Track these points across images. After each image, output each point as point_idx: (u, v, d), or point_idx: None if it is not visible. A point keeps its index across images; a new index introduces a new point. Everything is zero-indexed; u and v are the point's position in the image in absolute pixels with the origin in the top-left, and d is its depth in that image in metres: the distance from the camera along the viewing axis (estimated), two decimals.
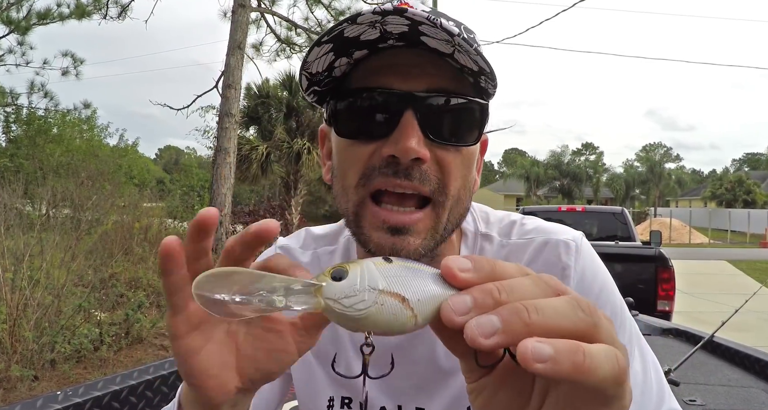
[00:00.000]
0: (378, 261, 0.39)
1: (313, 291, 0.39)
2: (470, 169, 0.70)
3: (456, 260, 0.37)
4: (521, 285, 0.36)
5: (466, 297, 0.35)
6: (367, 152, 0.66)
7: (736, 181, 44.65)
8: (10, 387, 4.08)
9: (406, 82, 0.65)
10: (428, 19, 0.58)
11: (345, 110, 0.68)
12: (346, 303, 0.37)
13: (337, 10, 10.88)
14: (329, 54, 0.65)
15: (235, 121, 8.81)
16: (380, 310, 0.37)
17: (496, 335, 0.33)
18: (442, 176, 0.65)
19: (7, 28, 11.27)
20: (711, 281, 12.80)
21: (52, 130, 15.37)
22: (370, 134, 0.65)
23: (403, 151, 0.62)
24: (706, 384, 2.19)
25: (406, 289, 0.38)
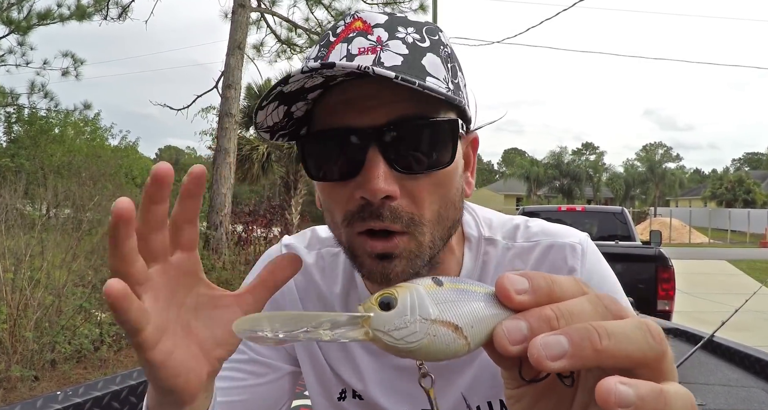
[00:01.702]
0: (427, 284, 0.37)
1: (361, 322, 0.37)
2: (449, 186, 0.67)
3: (512, 280, 0.35)
4: (580, 310, 0.34)
5: (521, 324, 0.34)
6: (343, 195, 0.65)
7: (736, 180, 44.64)
8: (10, 387, 4.08)
9: (364, 116, 0.62)
10: (359, 69, 0.55)
11: (311, 155, 0.67)
12: (396, 336, 0.36)
13: (337, 10, 10.88)
14: (279, 107, 0.64)
15: (236, 121, 8.81)
16: (432, 342, 0.35)
17: (563, 359, 0.31)
18: (415, 208, 0.64)
19: (8, 28, 11.27)
20: (711, 281, 12.80)
21: (53, 131, 15.38)
22: (341, 176, 0.64)
23: (371, 192, 0.60)
24: (706, 383, 2.19)
25: (459, 316, 0.35)
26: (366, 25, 0.65)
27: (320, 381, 0.86)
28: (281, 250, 0.91)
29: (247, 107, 14.48)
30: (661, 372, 0.33)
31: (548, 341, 0.32)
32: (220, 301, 0.52)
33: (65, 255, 5.73)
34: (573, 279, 0.37)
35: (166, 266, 0.48)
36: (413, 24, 0.67)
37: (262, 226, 10.46)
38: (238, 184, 14.11)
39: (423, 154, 0.63)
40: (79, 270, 5.81)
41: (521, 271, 0.36)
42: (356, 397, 0.84)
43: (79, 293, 5.37)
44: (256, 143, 14.10)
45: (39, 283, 4.94)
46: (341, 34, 0.66)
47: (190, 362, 0.49)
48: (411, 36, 0.65)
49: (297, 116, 0.67)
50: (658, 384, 0.31)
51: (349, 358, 0.84)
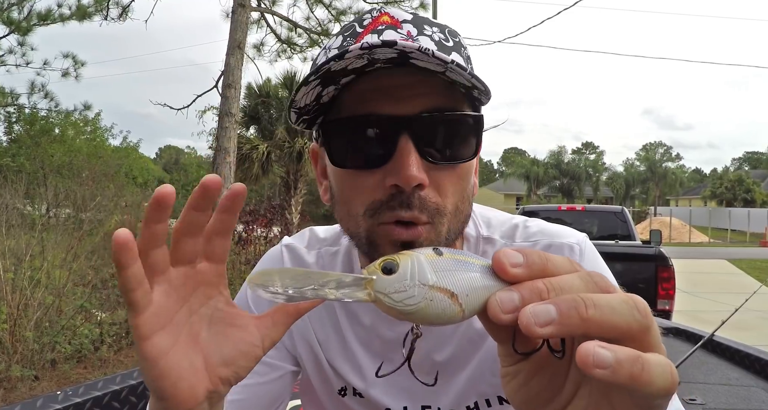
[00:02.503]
0: (428, 254, 0.39)
1: (364, 284, 0.39)
2: (468, 181, 0.69)
3: (508, 254, 0.37)
4: (570, 284, 0.36)
5: (513, 295, 0.36)
6: (369, 183, 0.65)
7: (736, 179, 44.64)
8: (10, 387, 4.08)
9: (397, 105, 0.63)
10: (420, 50, 0.56)
11: (338, 140, 0.66)
12: (396, 298, 0.38)
13: (338, 10, 10.88)
14: (316, 88, 0.64)
15: (235, 121, 8.81)
16: (429, 305, 0.37)
17: (551, 325, 0.33)
18: (440, 198, 0.65)
19: (8, 28, 11.27)
20: (711, 280, 12.80)
21: (54, 131, 15.39)
22: (369, 163, 0.64)
23: (405, 180, 0.61)
24: (705, 383, 2.19)
25: (456, 284, 0.38)
26: (394, 20, 0.67)
27: (321, 377, 0.87)
28: (281, 251, 0.91)
29: (247, 106, 14.48)
30: (647, 345, 0.35)
31: (537, 309, 0.34)
32: (237, 320, 0.50)
33: (65, 255, 5.73)
34: (566, 259, 0.39)
35: (190, 271, 0.47)
36: (436, 25, 0.69)
37: (262, 226, 10.45)
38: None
39: (451, 146, 0.65)
40: (79, 270, 5.82)
41: (517, 247, 0.38)
42: (356, 395, 0.84)
43: (79, 293, 5.37)
44: (256, 142, 14.11)
45: (39, 283, 4.94)
46: (369, 25, 0.66)
47: (185, 370, 0.46)
48: (437, 34, 0.67)
49: (323, 101, 0.67)
50: (637, 351, 0.32)
51: (349, 356, 0.84)
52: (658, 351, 0.35)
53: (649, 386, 0.32)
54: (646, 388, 0.32)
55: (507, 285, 0.37)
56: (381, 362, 0.82)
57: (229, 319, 0.50)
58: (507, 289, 0.37)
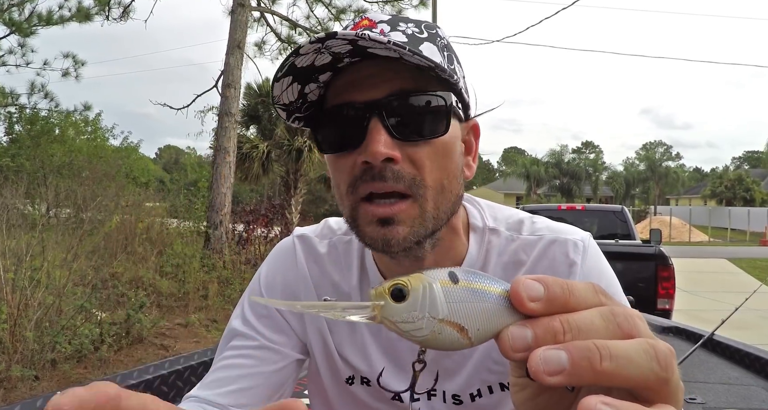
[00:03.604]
0: (443, 280, 0.37)
1: (372, 308, 0.38)
2: (449, 157, 0.73)
3: (527, 286, 0.35)
4: (589, 325, 0.34)
5: (527, 332, 0.34)
6: (348, 163, 0.72)
7: (736, 179, 44.65)
8: (10, 387, 4.09)
9: (367, 93, 0.70)
10: (357, 35, 0.62)
11: (322, 131, 0.75)
12: (403, 327, 0.37)
13: (337, 8, 10.88)
14: (294, 84, 0.71)
15: (235, 121, 8.81)
16: (437, 338, 0.36)
17: (560, 375, 0.32)
18: (416, 171, 0.70)
19: (9, 29, 11.27)
20: (711, 279, 12.81)
21: (54, 131, 15.38)
22: (346, 146, 0.71)
23: (372, 155, 0.67)
24: (705, 382, 2.19)
25: (467, 318, 0.36)
26: (371, 22, 0.74)
27: (329, 365, 0.88)
28: (293, 242, 0.93)
29: (247, 106, 14.48)
30: (663, 396, 0.33)
31: (548, 355, 0.32)
32: None
33: (66, 254, 5.74)
34: (591, 288, 0.36)
35: None
36: (413, 21, 0.75)
37: (262, 226, 10.46)
38: (239, 182, 14.10)
39: (419, 123, 0.70)
40: (79, 269, 5.82)
41: (538, 276, 0.36)
42: (364, 383, 0.86)
43: (79, 293, 5.38)
44: (257, 142, 14.11)
45: (39, 283, 4.94)
46: (350, 30, 0.71)
47: None
48: (411, 29, 0.73)
49: (311, 99, 0.75)
50: (644, 408, 0.31)
51: (358, 343, 0.85)
52: (674, 402, 0.34)
53: None
54: None
55: (522, 316, 0.36)
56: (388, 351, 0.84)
57: None
58: (520, 325, 0.35)
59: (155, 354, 5.29)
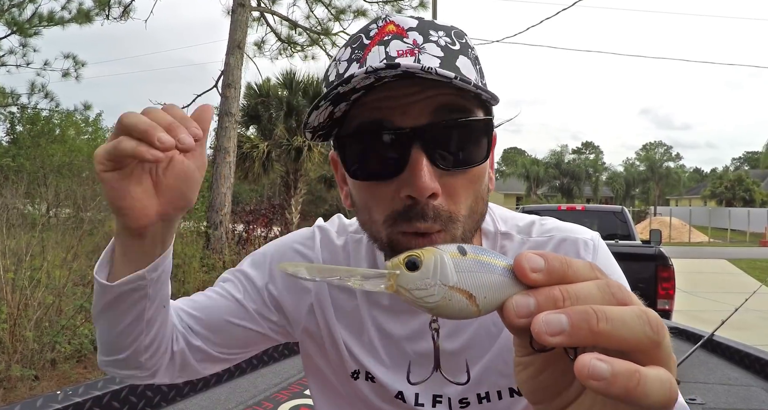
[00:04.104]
0: (452, 252, 0.40)
1: (387, 276, 0.41)
2: (481, 182, 0.70)
3: (529, 258, 0.38)
4: (587, 293, 0.37)
5: (529, 300, 0.37)
6: (386, 193, 0.67)
7: (736, 179, 44.65)
8: (10, 387, 4.09)
9: (406, 114, 0.65)
10: (423, 70, 0.58)
11: (353, 153, 0.69)
12: (416, 295, 0.40)
13: (337, 8, 10.87)
14: (328, 108, 0.66)
15: (235, 121, 8.81)
16: (447, 304, 0.39)
17: (561, 335, 0.34)
18: (453, 205, 0.67)
19: (9, 29, 11.26)
20: (711, 280, 12.81)
21: (55, 131, 15.38)
22: (383, 175, 0.66)
23: (419, 191, 0.63)
24: (705, 382, 2.19)
25: (475, 286, 0.39)
26: (400, 29, 0.67)
27: (336, 355, 0.88)
28: (315, 231, 0.93)
29: (246, 106, 14.47)
30: (655, 358, 0.36)
31: (550, 318, 0.35)
32: (177, 164, 0.64)
33: (66, 254, 5.73)
34: (588, 265, 0.39)
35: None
36: (442, 28, 0.69)
37: (262, 226, 10.46)
38: (239, 182, 14.11)
39: (462, 152, 0.66)
40: (79, 269, 5.82)
41: (540, 251, 0.39)
42: (369, 379, 0.85)
43: (79, 293, 5.38)
44: (257, 141, 14.10)
45: (39, 283, 4.94)
46: (375, 36, 0.68)
47: (139, 194, 0.62)
48: (443, 39, 0.68)
49: (336, 116, 0.69)
50: (636, 365, 0.33)
51: (365, 341, 0.85)
52: (666, 366, 0.36)
53: (644, 399, 0.33)
54: (641, 401, 0.33)
55: (525, 287, 0.38)
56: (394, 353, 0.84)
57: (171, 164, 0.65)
58: (524, 294, 0.37)
59: None
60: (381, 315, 0.84)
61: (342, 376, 0.88)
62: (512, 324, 0.37)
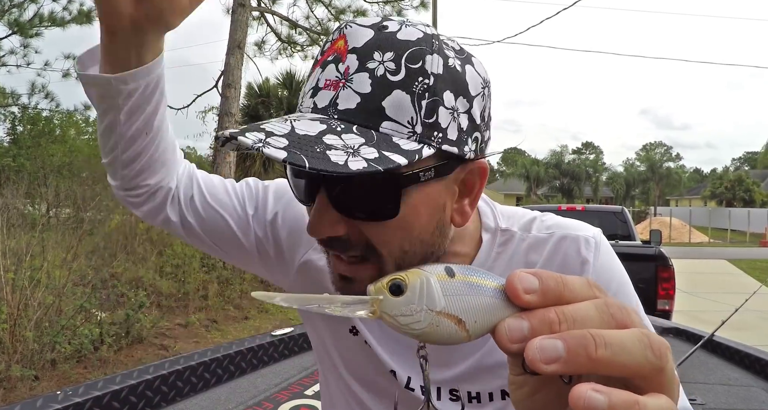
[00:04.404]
0: (439, 274, 0.38)
1: (371, 302, 0.39)
2: (409, 230, 0.62)
3: (522, 279, 0.36)
4: (584, 315, 0.35)
5: (523, 324, 0.35)
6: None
7: (736, 179, 44.66)
8: (10, 387, 4.09)
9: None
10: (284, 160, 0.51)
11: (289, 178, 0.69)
12: (401, 321, 0.38)
13: (337, 8, 10.88)
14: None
15: (235, 121, 8.81)
16: (435, 331, 0.37)
17: (556, 363, 0.32)
18: (369, 240, 0.61)
19: (10, 30, 11.27)
20: (711, 280, 12.81)
21: (55, 131, 15.40)
22: (304, 202, 0.67)
23: (312, 232, 0.61)
24: (705, 383, 2.19)
25: (464, 310, 0.37)
26: (344, 47, 0.59)
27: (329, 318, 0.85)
28: None
29: (246, 106, 14.48)
30: (657, 385, 0.34)
31: (545, 344, 0.33)
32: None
33: (66, 254, 5.74)
34: (585, 282, 0.37)
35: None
36: (397, 47, 0.58)
37: None
38: None
39: (364, 205, 0.60)
40: (79, 269, 5.82)
41: (533, 270, 0.36)
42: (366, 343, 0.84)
43: (79, 293, 5.37)
44: None
45: (39, 283, 4.94)
46: (326, 52, 0.62)
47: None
48: (386, 65, 0.57)
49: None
50: (635, 395, 0.31)
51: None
52: (669, 392, 0.34)
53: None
54: None
55: (518, 309, 0.36)
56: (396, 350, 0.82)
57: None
58: (517, 317, 0.35)
59: (155, 355, 5.29)
60: None
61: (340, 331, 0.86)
62: (505, 349, 0.35)
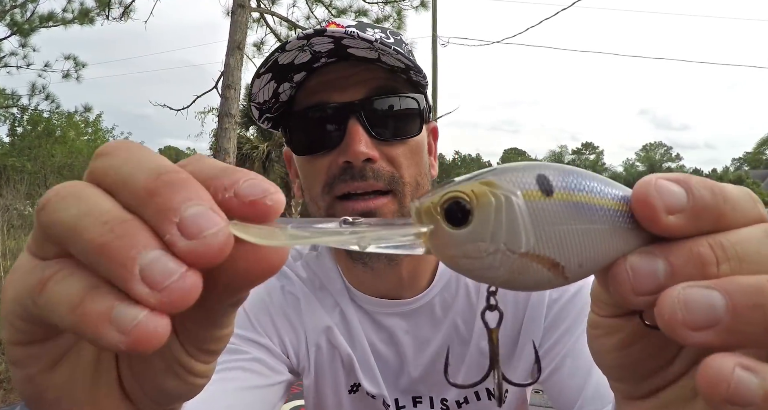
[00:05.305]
0: (527, 191, 0.24)
1: (416, 235, 0.25)
2: (421, 156, 0.76)
3: (662, 190, 0.23)
4: (756, 253, 0.22)
5: (657, 265, 0.23)
6: (325, 163, 0.72)
7: (736, 179, 44.69)
8: (10, 388, 4.09)
9: (344, 92, 0.71)
10: (346, 33, 0.65)
11: (296, 130, 0.75)
12: (465, 265, 0.25)
13: (337, 8, 10.89)
14: (271, 82, 0.72)
15: (235, 122, 8.81)
16: (516, 279, 0.25)
17: (711, 330, 0.21)
18: (394, 168, 0.71)
19: (10, 30, 11.29)
20: None
21: (56, 132, 15.43)
22: (323, 147, 0.71)
23: (354, 155, 0.68)
24: None
25: (565, 250, 0.24)
26: (340, 26, 0.73)
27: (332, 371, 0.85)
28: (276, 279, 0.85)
29: (246, 107, 14.49)
30: None
31: (693, 298, 0.21)
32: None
33: None
34: (748, 195, 0.25)
35: None
36: (378, 27, 0.77)
37: None
38: None
39: (396, 124, 0.72)
40: None
41: (676, 175, 0.24)
42: (369, 395, 0.84)
43: None
44: (257, 142, 14.11)
45: None
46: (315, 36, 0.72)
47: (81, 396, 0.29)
48: (378, 34, 0.74)
49: (282, 99, 0.75)
50: None
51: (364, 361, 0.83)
52: None
53: None
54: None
55: (647, 237, 0.24)
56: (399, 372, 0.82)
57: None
58: (648, 253, 0.23)
59: None
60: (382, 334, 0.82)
61: (339, 391, 0.85)
62: (627, 302, 0.24)
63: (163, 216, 0.22)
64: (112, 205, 0.23)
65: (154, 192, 0.22)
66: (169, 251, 0.22)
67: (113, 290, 0.22)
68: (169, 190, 0.22)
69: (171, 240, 0.22)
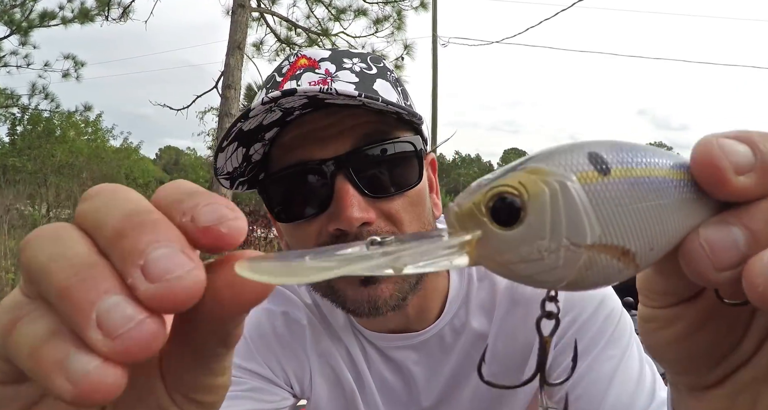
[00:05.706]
0: (582, 173, 0.21)
1: (459, 245, 0.21)
2: (423, 206, 0.66)
3: (726, 149, 0.21)
4: None
5: (734, 234, 0.20)
6: (313, 231, 0.62)
7: None
8: None
9: (326, 146, 0.60)
10: (321, 91, 0.54)
11: (276, 195, 0.64)
12: (522, 271, 0.21)
13: (337, 8, 10.89)
14: (239, 149, 0.62)
15: None
16: (583, 277, 0.21)
17: None
18: (394, 227, 0.62)
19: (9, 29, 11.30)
20: None
21: (56, 132, 15.45)
22: (309, 212, 0.61)
23: (347, 222, 0.58)
24: None
25: (633, 233, 0.21)
26: (311, 61, 0.64)
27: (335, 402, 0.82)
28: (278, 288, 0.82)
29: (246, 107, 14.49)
30: None
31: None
32: None
33: None
34: None
35: None
36: (357, 55, 0.67)
37: (262, 227, 10.49)
38: None
39: (391, 175, 0.61)
40: None
41: (737, 132, 0.22)
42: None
43: None
44: None
45: None
46: (288, 73, 0.65)
47: None
48: (358, 65, 0.65)
49: (255, 160, 0.65)
50: None
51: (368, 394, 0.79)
52: None
53: None
54: None
55: (715, 205, 0.22)
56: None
57: None
58: (721, 223, 0.21)
59: None
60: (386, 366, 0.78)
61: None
62: (707, 280, 0.21)
63: (129, 259, 0.21)
64: (85, 249, 0.22)
65: (122, 234, 0.22)
66: (132, 297, 0.20)
67: (73, 337, 0.21)
68: (136, 232, 0.21)
69: (133, 284, 0.20)
